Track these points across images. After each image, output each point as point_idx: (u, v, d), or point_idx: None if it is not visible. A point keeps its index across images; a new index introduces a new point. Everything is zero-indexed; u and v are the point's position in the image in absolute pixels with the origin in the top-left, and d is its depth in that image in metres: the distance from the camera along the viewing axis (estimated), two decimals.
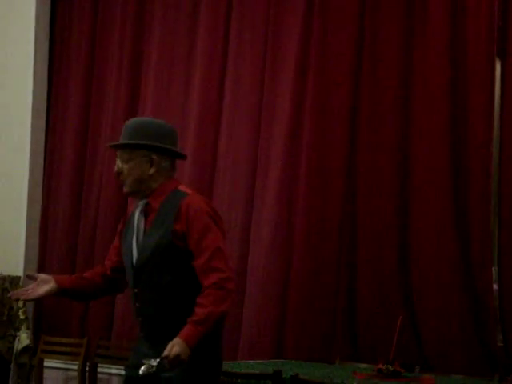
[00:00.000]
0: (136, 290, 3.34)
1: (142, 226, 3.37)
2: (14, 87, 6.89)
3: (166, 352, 3.10)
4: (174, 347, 3.10)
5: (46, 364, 6.36)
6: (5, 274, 6.51)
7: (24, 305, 6.51)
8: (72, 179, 6.80)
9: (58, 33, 7.03)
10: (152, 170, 3.37)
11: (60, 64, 7.01)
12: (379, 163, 5.66)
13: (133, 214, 3.43)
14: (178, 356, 3.09)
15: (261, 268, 5.79)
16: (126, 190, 3.39)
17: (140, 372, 3.06)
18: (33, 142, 6.85)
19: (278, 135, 5.88)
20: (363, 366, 4.97)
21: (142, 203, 3.39)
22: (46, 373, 6.39)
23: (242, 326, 5.80)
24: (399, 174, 5.63)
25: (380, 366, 4.43)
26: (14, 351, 6.40)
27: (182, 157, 3.52)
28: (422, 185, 5.53)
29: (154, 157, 3.37)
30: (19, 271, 6.68)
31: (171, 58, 6.46)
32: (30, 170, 6.83)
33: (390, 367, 4.39)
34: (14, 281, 6.52)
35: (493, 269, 5.39)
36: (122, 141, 3.38)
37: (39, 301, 6.76)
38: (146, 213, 3.37)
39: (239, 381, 4.40)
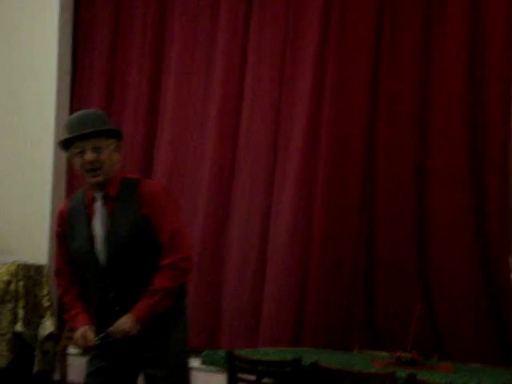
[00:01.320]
0: (108, 281, 3.40)
1: (105, 217, 3.42)
2: (39, 85, 6.96)
3: (112, 328, 3.34)
4: (124, 324, 3.31)
5: (69, 350, 6.45)
6: (30, 262, 6.59)
7: (49, 293, 6.60)
8: None
9: (81, 32, 7.08)
10: (118, 158, 3.47)
11: (83, 56, 7.06)
12: (398, 155, 5.67)
13: (75, 210, 3.48)
14: (125, 331, 3.32)
15: (280, 256, 5.84)
16: (100, 178, 3.41)
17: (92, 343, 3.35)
18: (57, 132, 6.91)
19: (297, 127, 5.91)
20: (382, 354, 4.99)
21: (100, 194, 3.43)
22: (70, 359, 6.46)
23: (262, 314, 5.86)
24: (418, 163, 5.65)
25: (398, 354, 4.46)
26: (39, 338, 6.46)
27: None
28: (441, 176, 5.55)
29: (118, 144, 3.47)
30: (44, 260, 6.75)
31: (192, 53, 6.48)
32: (54, 159, 6.90)
33: (409, 355, 4.42)
34: (38, 269, 6.59)
35: (510, 258, 5.42)
36: (85, 130, 3.38)
37: None
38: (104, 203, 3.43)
39: (259, 368, 4.46)
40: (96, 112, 3.56)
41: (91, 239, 3.41)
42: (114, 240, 3.39)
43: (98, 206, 3.43)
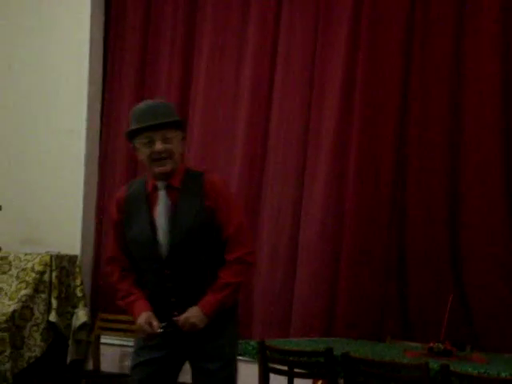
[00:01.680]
0: (167, 272, 3.38)
1: (169, 206, 3.41)
2: (71, 76, 7.01)
3: (181, 318, 3.32)
4: (194, 317, 3.30)
5: (102, 340, 6.50)
6: (63, 253, 6.65)
7: (82, 283, 6.65)
8: (126, 160, 6.89)
9: (113, 18, 7.11)
10: (183, 149, 3.50)
11: (114, 47, 7.09)
12: (430, 150, 5.63)
13: (134, 197, 3.46)
14: (194, 324, 3.32)
15: (312, 248, 5.83)
16: (168, 168, 3.40)
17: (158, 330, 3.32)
18: (89, 124, 6.96)
19: (328, 124, 5.89)
20: (414, 344, 4.97)
21: (163, 183, 3.42)
22: (103, 349, 6.52)
23: (294, 304, 5.86)
24: (451, 156, 5.61)
25: (431, 344, 4.44)
26: (72, 328, 6.51)
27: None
28: (474, 166, 5.51)
29: (184, 136, 3.49)
30: (76, 250, 6.81)
31: (223, 43, 6.48)
32: (86, 149, 6.94)
33: (441, 346, 4.39)
34: (71, 260, 6.65)
35: None
36: (154, 121, 3.38)
37: (96, 279, 6.91)
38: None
39: (291, 358, 4.46)
40: (164, 103, 3.54)
41: (153, 228, 3.39)
42: (178, 230, 3.37)
43: (162, 195, 3.42)
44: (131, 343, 6.25)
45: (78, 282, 6.63)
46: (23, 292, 6.32)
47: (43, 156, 7.04)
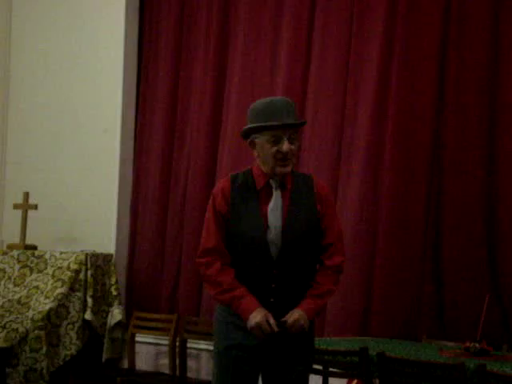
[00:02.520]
0: (275, 271, 3.34)
1: (281, 206, 3.38)
2: (106, 74, 7.06)
3: (289, 320, 3.28)
4: (302, 320, 3.29)
5: (137, 339, 6.53)
6: (98, 251, 6.69)
7: (116, 281, 6.69)
8: (161, 160, 6.92)
9: (147, 18, 7.15)
10: None
11: (149, 48, 7.13)
12: (465, 154, 5.57)
13: (242, 192, 3.40)
14: (302, 327, 3.30)
15: (347, 245, 5.75)
16: (289, 169, 3.38)
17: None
18: (123, 124, 7.00)
19: (363, 118, 5.86)
20: (450, 344, 4.94)
21: (276, 182, 3.39)
22: (138, 347, 6.56)
23: (329, 303, 5.82)
24: (487, 161, 5.54)
25: (467, 344, 4.40)
26: (107, 326, 6.56)
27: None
28: (509, 167, 5.45)
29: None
30: (111, 249, 6.86)
31: (256, 42, 6.48)
32: (121, 149, 6.98)
33: (478, 345, 4.36)
34: (106, 258, 6.69)
35: None
36: (288, 120, 3.35)
37: (130, 278, 6.95)
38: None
39: (326, 357, 4.44)
40: (290, 101, 3.47)
41: (265, 226, 3.35)
42: (291, 231, 3.34)
43: (276, 194, 3.39)
44: (166, 341, 6.30)
45: (113, 280, 6.68)
46: (59, 290, 6.38)
47: (78, 155, 7.10)
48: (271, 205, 3.38)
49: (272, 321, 3.28)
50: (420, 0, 5.77)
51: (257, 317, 3.27)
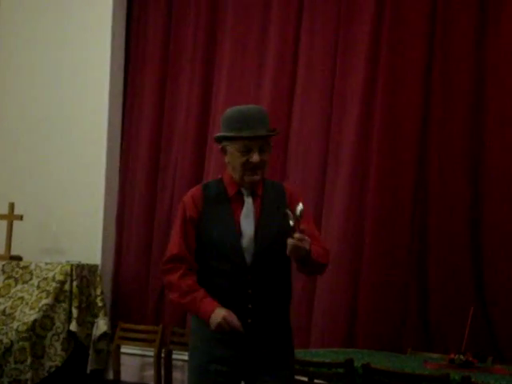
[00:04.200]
0: (250, 277, 3.33)
1: (253, 213, 3.38)
2: (92, 85, 7.06)
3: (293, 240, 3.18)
4: (308, 243, 3.20)
5: (122, 350, 6.52)
6: (83, 262, 6.68)
7: (102, 292, 6.67)
8: (147, 171, 6.92)
9: (134, 26, 7.17)
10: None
11: (136, 58, 7.14)
12: (451, 156, 5.61)
13: (215, 199, 3.41)
14: (304, 248, 3.20)
15: (332, 258, 5.78)
16: (258, 178, 3.38)
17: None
18: (109, 135, 6.99)
19: (348, 132, 5.89)
20: (435, 355, 4.94)
21: (247, 190, 3.40)
22: (123, 358, 6.54)
23: (313, 315, 5.84)
24: (472, 164, 5.58)
25: (452, 356, 4.41)
26: (92, 337, 6.54)
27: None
28: (495, 178, 5.48)
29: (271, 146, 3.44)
30: (97, 260, 6.85)
31: (244, 46, 6.51)
32: (106, 160, 6.97)
33: (463, 357, 4.36)
34: (91, 269, 6.68)
35: None
36: (260, 131, 3.35)
37: (116, 289, 6.93)
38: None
39: (311, 369, 4.44)
40: (261, 110, 3.47)
41: (238, 233, 3.36)
42: (264, 237, 3.34)
43: (248, 201, 3.40)
44: (151, 353, 6.29)
45: (99, 291, 6.66)
46: (44, 301, 6.35)
47: (65, 167, 7.09)
48: (243, 212, 3.39)
49: (232, 320, 3.25)
50: (406, 4, 5.81)
51: (220, 312, 3.28)
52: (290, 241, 3.18)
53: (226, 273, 3.36)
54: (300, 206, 3.23)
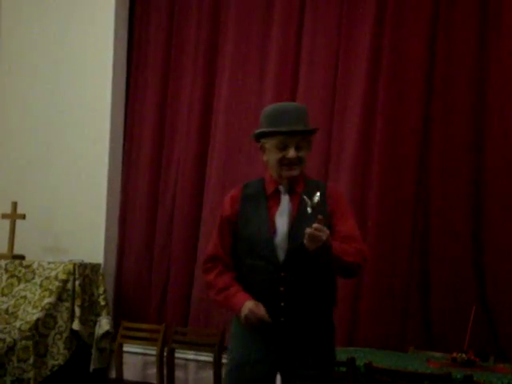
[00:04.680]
0: (283, 274, 3.33)
1: (290, 211, 3.39)
2: (95, 85, 7.06)
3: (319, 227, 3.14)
4: (326, 234, 3.14)
5: (125, 349, 6.51)
6: (86, 261, 6.68)
7: (104, 291, 6.68)
8: (149, 170, 6.92)
9: (137, 28, 7.17)
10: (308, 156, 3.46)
11: (138, 57, 7.14)
12: (452, 155, 5.62)
13: (252, 197, 3.44)
14: (320, 237, 3.13)
15: None
16: (296, 172, 3.38)
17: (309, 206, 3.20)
18: (112, 135, 7.00)
19: (352, 118, 5.90)
20: (437, 354, 4.95)
21: (285, 187, 3.41)
22: (126, 357, 6.53)
23: None
24: (474, 163, 5.58)
25: (454, 354, 4.42)
26: (95, 336, 6.54)
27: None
28: (498, 176, 5.48)
29: (311, 143, 3.44)
30: (99, 259, 6.85)
31: (246, 51, 6.51)
32: (109, 158, 6.98)
33: (465, 356, 4.37)
34: (94, 268, 6.68)
35: None
36: (297, 127, 3.36)
37: (119, 288, 6.94)
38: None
39: None
40: (300, 107, 3.48)
41: (272, 230, 3.36)
42: (297, 235, 3.29)
43: (285, 198, 3.41)
44: (154, 352, 6.29)
45: (101, 290, 6.67)
46: (47, 300, 6.36)
47: (67, 166, 7.09)
48: (279, 209, 3.40)
49: (258, 312, 3.26)
50: (408, 3, 5.81)
51: (248, 305, 3.29)
52: (307, 230, 3.14)
53: (259, 270, 3.36)
54: (317, 196, 3.20)
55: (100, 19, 7.06)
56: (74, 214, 7.00)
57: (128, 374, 6.54)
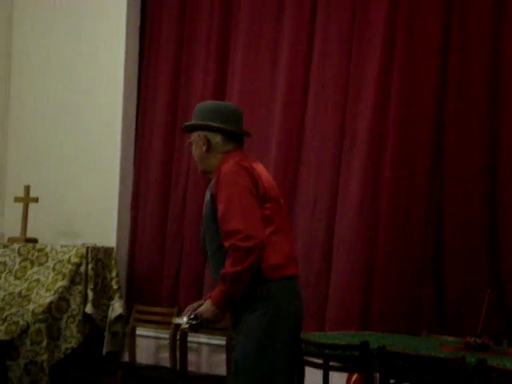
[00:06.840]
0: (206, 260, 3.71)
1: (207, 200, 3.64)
2: (107, 72, 7.05)
3: (197, 313, 3.49)
4: (206, 312, 3.44)
5: (138, 332, 6.54)
6: (99, 245, 6.69)
7: (117, 275, 6.69)
8: (162, 154, 6.91)
9: (149, 17, 7.15)
10: (204, 148, 3.64)
11: (150, 44, 7.12)
12: (467, 148, 5.57)
13: None
14: (201, 314, 3.44)
15: (347, 242, 5.81)
16: (199, 170, 3.71)
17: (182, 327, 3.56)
18: (124, 118, 6.99)
19: (365, 111, 5.86)
20: (450, 338, 4.94)
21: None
22: (138, 341, 6.56)
23: (329, 298, 5.84)
24: (488, 156, 5.53)
25: (468, 338, 4.40)
26: (108, 320, 6.56)
27: (237, 132, 3.74)
28: (510, 169, 5.45)
29: (207, 135, 3.64)
30: (112, 242, 6.85)
31: (258, 41, 6.46)
32: (122, 142, 6.98)
33: (478, 340, 4.36)
34: (107, 252, 6.69)
35: None
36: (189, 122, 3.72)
37: (131, 271, 6.95)
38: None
39: (326, 351, 4.45)
40: (198, 106, 3.89)
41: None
42: (202, 221, 3.65)
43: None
44: (166, 335, 6.31)
45: (114, 273, 6.68)
46: (60, 284, 6.38)
47: (80, 149, 7.10)
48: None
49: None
50: None
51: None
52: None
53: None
54: (185, 316, 3.54)
55: (112, 18, 7.04)
56: (87, 197, 7.00)
57: (141, 358, 6.57)
